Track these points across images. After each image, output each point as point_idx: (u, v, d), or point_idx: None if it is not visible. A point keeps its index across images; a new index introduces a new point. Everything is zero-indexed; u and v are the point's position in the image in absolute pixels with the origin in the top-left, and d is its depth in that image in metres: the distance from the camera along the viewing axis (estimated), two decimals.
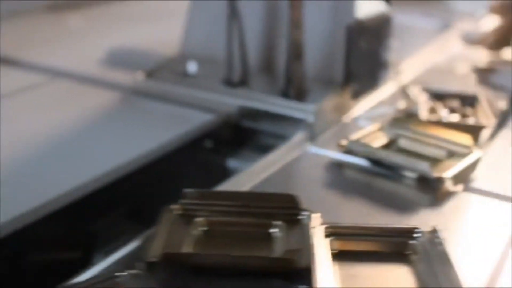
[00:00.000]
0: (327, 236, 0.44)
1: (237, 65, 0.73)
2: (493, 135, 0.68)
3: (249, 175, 0.57)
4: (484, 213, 0.53)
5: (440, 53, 1.01)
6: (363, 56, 0.72)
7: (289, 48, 0.68)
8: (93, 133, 0.66)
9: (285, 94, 0.70)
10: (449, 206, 0.54)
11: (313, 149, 0.63)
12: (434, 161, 0.59)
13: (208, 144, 0.69)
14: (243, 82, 0.73)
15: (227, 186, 0.55)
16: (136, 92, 0.76)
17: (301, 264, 0.40)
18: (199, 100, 0.72)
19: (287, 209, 0.47)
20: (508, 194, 0.55)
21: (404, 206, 0.53)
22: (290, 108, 0.69)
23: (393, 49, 0.80)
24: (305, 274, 0.40)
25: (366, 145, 0.60)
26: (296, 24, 0.66)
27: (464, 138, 0.61)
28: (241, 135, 0.70)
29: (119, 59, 0.86)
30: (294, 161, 0.61)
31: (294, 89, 0.69)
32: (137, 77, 0.77)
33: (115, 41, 0.94)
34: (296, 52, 0.67)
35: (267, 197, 0.48)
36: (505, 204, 0.54)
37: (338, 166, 0.60)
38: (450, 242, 0.48)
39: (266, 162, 0.60)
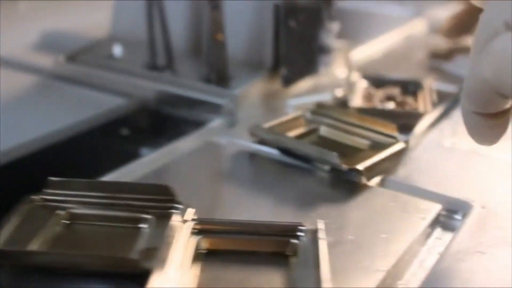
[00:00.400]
0: (195, 233, 0.39)
1: (161, 49, 0.68)
2: (431, 126, 0.62)
3: (144, 163, 0.52)
4: (397, 209, 0.48)
5: (401, 40, 0.95)
6: (296, 39, 0.67)
7: (208, 30, 0.63)
8: None
9: (207, 79, 0.65)
10: (359, 201, 0.48)
11: (227, 137, 0.58)
12: (354, 151, 0.54)
13: (124, 131, 0.65)
14: (168, 67, 0.68)
15: (116, 175, 0.50)
16: (56, 76, 0.71)
17: (148, 266, 0.35)
18: (119, 85, 0.67)
19: (161, 202, 0.42)
20: (431, 189, 0.50)
21: (311, 201, 0.48)
22: (210, 93, 0.63)
23: (337, 33, 0.75)
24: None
25: (278, 134, 0.54)
26: (213, 3, 0.61)
27: (391, 128, 0.56)
28: (159, 122, 0.65)
29: (50, 43, 0.81)
30: (201, 150, 0.56)
31: (216, 74, 0.64)
32: (58, 61, 0.72)
33: (52, 26, 0.89)
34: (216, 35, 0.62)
35: (141, 188, 0.43)
36: (421, 202, 0.48)
37: (249, 156, 0.55)
38: (351, 241, 0.43)
39: (168, 149, 0.55)
